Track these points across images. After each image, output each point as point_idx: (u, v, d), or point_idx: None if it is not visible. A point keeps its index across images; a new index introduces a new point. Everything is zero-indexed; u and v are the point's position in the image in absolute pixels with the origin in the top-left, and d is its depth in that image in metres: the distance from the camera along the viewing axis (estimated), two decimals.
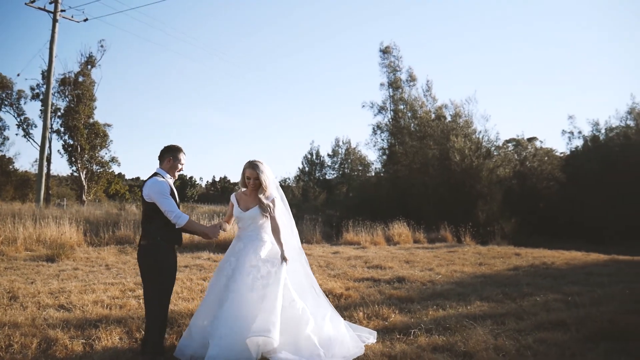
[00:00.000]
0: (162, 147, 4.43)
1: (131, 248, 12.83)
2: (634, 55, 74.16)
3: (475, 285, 8.00)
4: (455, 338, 4.51)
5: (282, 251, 4.51)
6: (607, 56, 79.12)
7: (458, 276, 9.07)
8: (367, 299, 6.62)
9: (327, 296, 6.71)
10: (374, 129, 31.42)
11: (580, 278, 8.94)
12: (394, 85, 31.10)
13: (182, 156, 4.44)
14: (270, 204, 4.61)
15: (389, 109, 31.39)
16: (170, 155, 4.37)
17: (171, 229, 4.21)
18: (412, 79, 30.81)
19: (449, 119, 28.54)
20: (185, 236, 14.12)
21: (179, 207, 4.26)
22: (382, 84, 31.62)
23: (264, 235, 4.63)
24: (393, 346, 4.38)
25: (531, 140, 34.05)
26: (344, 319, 4.96)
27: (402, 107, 30.62)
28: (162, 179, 4.25)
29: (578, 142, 30.19)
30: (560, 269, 10.37)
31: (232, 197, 4.79)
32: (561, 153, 33.38)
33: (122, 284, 7.49)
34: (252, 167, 4.57)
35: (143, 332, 4.48)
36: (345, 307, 6.17)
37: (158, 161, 4.42)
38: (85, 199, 35.49)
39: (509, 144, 32.88)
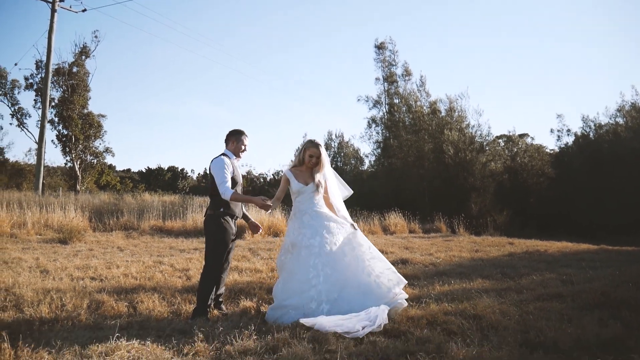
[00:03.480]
0: (228, 131, 4.99)
1: (137, 233, 13.19)
2: (626, 53, 75.18)
3: (475, 267, 8.48)
4: (464, 305, 4.96)
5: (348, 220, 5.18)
6: (599, 54, 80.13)
7: (457, 260, 9.54)
8: None
9: None
10: (369, 122, 31.93)
11: (572, 263, 9.42)
12: (389, 79, 31.56)
13: (244, 138, 4.98)
14: (323, 182, 5.11)
15: (383, 103, 31.89)
16: (233, 138, 4.95)
17: (233, 202, 4.78)
18: (407, 73, 31.31)
19: (443, 113, 29.04)
20: (189, 222, 14.55)
21: (237, 185, 4.86)
22: (377, 79, 32.12)
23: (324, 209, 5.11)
24: (408, 311, 4.81)
25: (522, 136, 34.63)
26: None
27: (397, 101, 31.09)
28: (227, 157, 4.81)
29: (568, 139, 30.87)
30: (554, 255, 10.85)
31: (288, 173, 5.11)
32: (551, 150, 34.07)
33: (142, 262, 7.89)
34: (316, 147, 5.03)
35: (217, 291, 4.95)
36: None
37: (224, 143, 5.00)
38: (79, 189, 35.58)
39: (500, 140, 33.50)
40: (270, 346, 3.61)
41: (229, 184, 4.64)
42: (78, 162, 37.09)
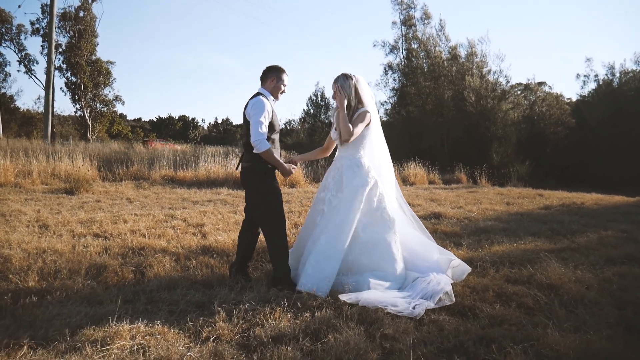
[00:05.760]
0: (265, 67, 4.14)
1: (147, 184, 12.57)
2: None
3: (516, 222, 7.68)
4: (529, 271, 4.21)
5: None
6: None
7: (492, 214, 8.76)
8: None
9: None
10: (385, 69, 30.52)
11: (618, 216, 8.60)
12: (407, 23, 29.91)
13: (285, 77, 4.14)
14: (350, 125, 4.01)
15: (401, 48, 30.35)
16: (273, 75, 4.09)
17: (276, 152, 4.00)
18: (426, 16, 29.59)
19: (463, 58, 27.66)
20: (202, 172, 13.89)
21: (275, 132, 4.03)
22: (394, 22, 30.44)
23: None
24: (466, 278, 4.07)
25: (540, 85, 33.26)
26: None
27: (415, 46, 29.58)
28: (266, 99, 3.95)
29: (592, 86, 29.50)
30: (592, 208, 10.05)
31: (333, 118, 4.38)
32: (568, 99, 32.75)
33: (152, 215, 7.20)
34: (333, 82, 4.20)
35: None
36: None
37: (260, 81, 4.15)
38: (90, 138, 35.02)
39: (517, 89, 32.13)
40: (311, 329, 2.87)
41: (265, 133, 3.83)
42: (88, 111, 36.49)
